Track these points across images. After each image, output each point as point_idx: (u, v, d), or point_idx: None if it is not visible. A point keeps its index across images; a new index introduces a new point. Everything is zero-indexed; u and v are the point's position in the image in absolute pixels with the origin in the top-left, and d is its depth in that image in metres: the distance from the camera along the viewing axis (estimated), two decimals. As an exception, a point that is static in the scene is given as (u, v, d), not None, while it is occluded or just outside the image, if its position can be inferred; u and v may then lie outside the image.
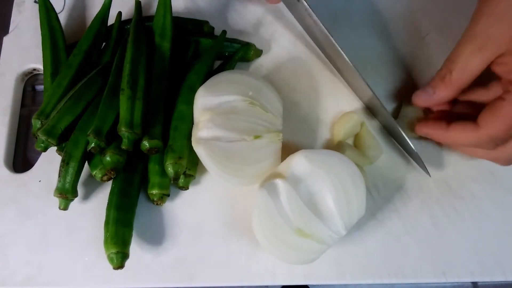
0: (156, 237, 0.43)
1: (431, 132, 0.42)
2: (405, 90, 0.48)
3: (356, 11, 0.52)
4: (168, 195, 0.43)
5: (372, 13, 0.52)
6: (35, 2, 0.53)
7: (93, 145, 0.40)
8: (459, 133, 0.40)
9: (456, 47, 0.39)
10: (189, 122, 0.43)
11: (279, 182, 0.38)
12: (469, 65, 0.38)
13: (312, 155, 0.38)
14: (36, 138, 0.42)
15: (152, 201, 0.42)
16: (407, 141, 0.43)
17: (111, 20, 0.49)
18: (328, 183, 0.37)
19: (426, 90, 0.41)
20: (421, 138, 0.45)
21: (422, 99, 0.42)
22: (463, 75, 0.39)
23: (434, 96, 0.41)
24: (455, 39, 0.39)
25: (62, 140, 0.42)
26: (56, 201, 0.41)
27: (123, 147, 0.40)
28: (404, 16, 0.52)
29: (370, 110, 0.47)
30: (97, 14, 0.49)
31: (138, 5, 0.48)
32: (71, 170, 0.40)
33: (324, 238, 0.37)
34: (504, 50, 0.37)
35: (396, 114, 0.47)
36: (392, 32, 0.51)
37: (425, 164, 0.44)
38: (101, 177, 0.41)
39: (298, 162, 0.38)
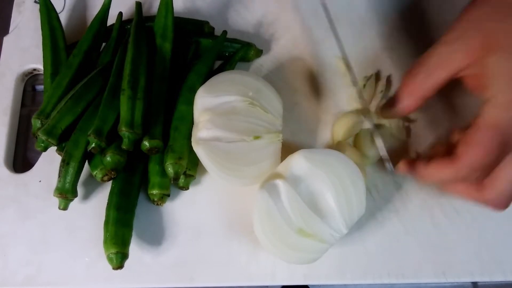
0: (156, 237, 0.43)
1: (411, 171, 0.39)
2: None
3: (356, 11, 0.52)
4: (168, 195, 0.43)
5: (372, 12, 0.52)
6: (35, 2, 0.53)
7: (93, 145, 0.40)
8: (438, 168, 0.37)
9: (427, 52, 0.38)
10: (190, 122, 0.43)
11: (279, 182, 0.38)
12: (433, 73, 0.37)
13: (311, 155, 0.38)
14: (36, 138, 0.42)
15: (152, 201, 0.42)
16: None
17: (111, 20, 0.49)
18: (327, 182, 0.37)
19: (390, 102, 0.40)
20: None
21: (387, 111, 0.41)
22: (425, 82, 0.38)
23: (399, 105, 0.40)
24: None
25: (62, 140, 0.42)
26: (56, 201, 0.41)
27: (124, 147, 0.40)
28: (405, 16, 0.52)
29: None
30: (96, 15, 0.49)
31: (138, 7, 0.48)
32: (71, 170, 0.40)
33: (326, 237, 0.37)
34: (468, 61, 0.36)
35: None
36: (392, 32, 0.51)
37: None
38: (102, 178, 0.41)
39: (298, 162, 0.38)
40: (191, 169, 0.43)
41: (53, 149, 0.43)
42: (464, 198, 0.39)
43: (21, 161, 0.48)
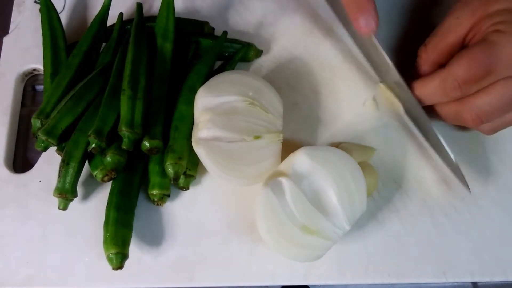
0: (156, 237, 0.43)
1: (420, 89, 0.41)
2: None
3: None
4: (169, 196, 0.43)
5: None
6: (36, 2, 0.53)
7: (93, 145, 0.40)
8: (427, 80, 0.40)
9: (438, 25, 0.42)
10: (190, 122, 0.43)
11: (283, 180, 0.38)
12: (442, 38, 0.41)
13: (313, 152, 0.38)
14: (36, 138, 0.42)
15: (153, 202, 0.42)
16: (446, 149, 0.41)
17: (112, 20, 0.49)
18: (330, 179, 0.38)
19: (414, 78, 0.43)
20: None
21: (415, 88, 0.42)
22: (436, 47, 0.41)
23: (419, 73, 0.43)
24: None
25: (62, 140, 0.42)
26: (56, 201, 0.41)
27: (124, 147, 0.40)
28: (405, 15, 0.52)
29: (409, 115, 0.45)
30: (96, 15, 0.49)
31: (139, 7, 0.48)
32: (71, 170, 0.40)
33: (329, 234, 0.37)
34: (472, 23, 0.39)
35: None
36: (393, 31, 0.51)
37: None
38: (102, 178, 0.41)
39: (300, 160, 0.38)
40: (191, 169, 0.43)
41: (53, 149, 0.43)
42: (448, 117, 0.42)
43: (21, 161, 0.48)
